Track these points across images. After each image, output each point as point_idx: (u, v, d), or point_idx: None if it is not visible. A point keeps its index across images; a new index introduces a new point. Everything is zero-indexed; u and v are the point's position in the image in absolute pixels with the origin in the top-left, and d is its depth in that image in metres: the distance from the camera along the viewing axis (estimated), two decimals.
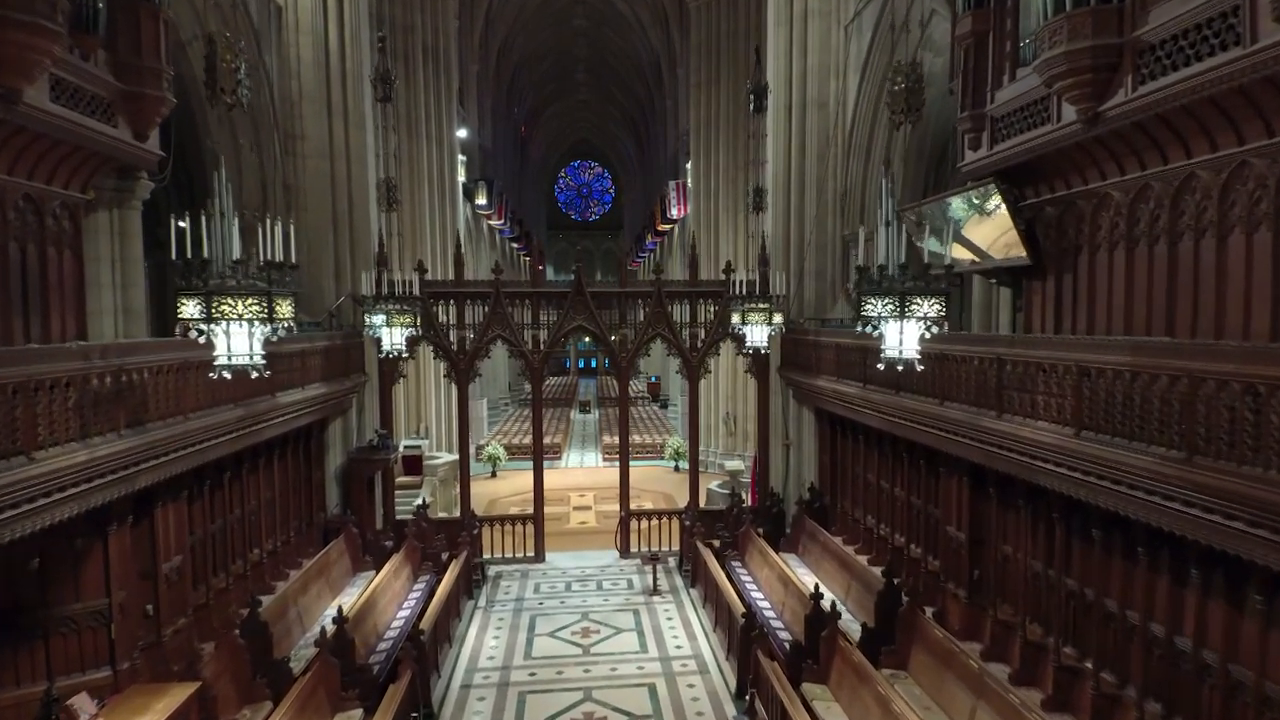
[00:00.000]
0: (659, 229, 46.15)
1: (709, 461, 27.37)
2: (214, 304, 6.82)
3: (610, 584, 16.34)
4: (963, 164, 10.72)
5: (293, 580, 13.28)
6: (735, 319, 13.89)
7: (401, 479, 21.62)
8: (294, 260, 7.53)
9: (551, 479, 28.03)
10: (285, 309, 7.17)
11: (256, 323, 7.04)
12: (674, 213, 40.09)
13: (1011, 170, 10.00)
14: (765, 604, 13.54)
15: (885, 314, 7.45)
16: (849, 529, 15.80)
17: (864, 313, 7.60)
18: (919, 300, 7.34)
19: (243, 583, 12.94)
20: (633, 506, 18.38)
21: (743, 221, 28.45)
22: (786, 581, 13.06)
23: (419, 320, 12.85)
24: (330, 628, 10.59)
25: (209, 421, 10.06)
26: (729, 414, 28.98)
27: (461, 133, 33.84)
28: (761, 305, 13.46)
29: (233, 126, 15.14)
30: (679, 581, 16.45)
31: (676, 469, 30.21)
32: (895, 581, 11.59)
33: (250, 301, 6.92)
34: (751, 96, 14.75)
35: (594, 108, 71.81)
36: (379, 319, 12.49)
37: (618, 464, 18.70)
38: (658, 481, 28.11)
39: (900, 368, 7.89)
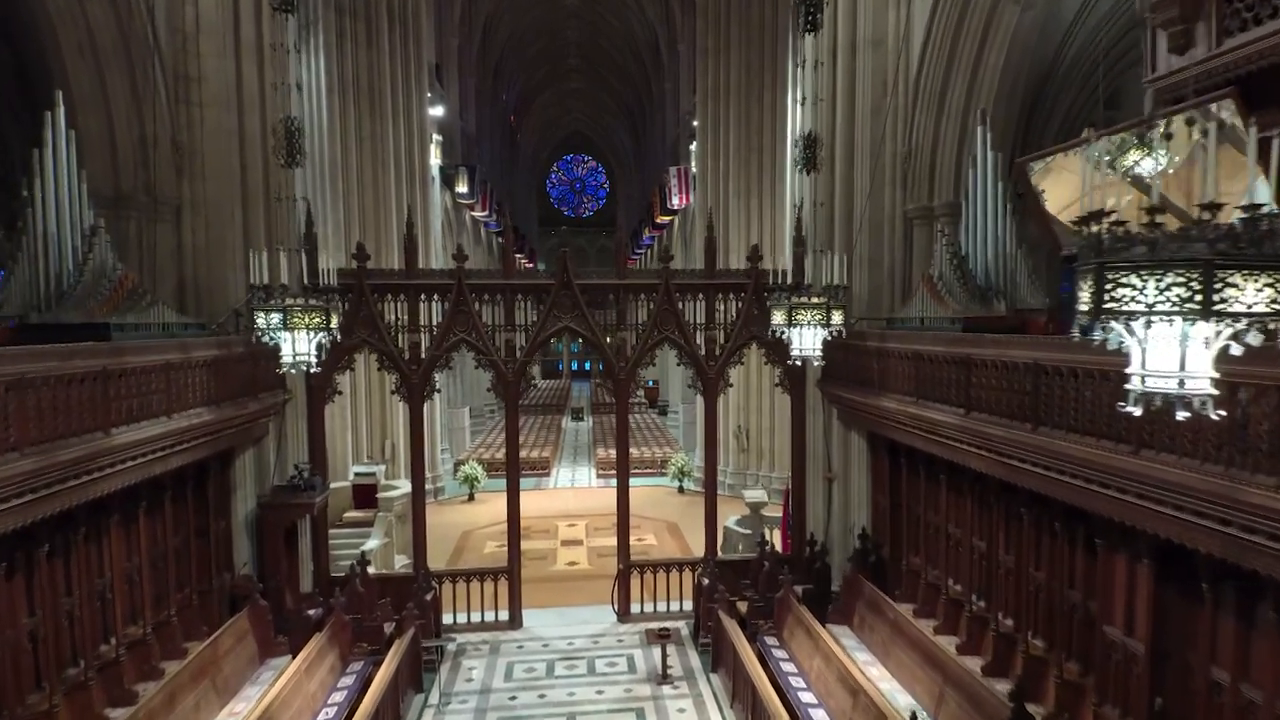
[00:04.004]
0: (658, 221, 42.28)
1: (719, 482, 23.50)
2: None
3: (606, 664, 12.51)
4: (1154, 77, 6.93)
5: (162, 685, 9.44)
6: (777, 318, 10.11)
7: (350, 514, 17.83)
8: None
9: (538, 503, 24.26)
10: None
11: None
12: (675, 202, 36.24)
13: (1250, 80, 6.21)
14: (820, 713, 9.76)
15: (1163, 303, 3.65)
16: (920, 595, 11.99)
17: (1109, 301, 3.79)
18: (1238, 279, 3.57)
19: (82, 695, 9.08)
20: (632, 539, 14.44)
21: (757, 208, 24.75)
22: (854, 689, 9.23)
23: (332, 321, 9.08)
24: None
25: None
26: (740, 427, 25.18)
27: (438, 110, 30.03)
28: (815, 300, 9.67)
29: (97, 59, 11.35)
30: (695, 660, 12.62)
31: (681, 490, 26.48)
32: (1025, 698, 7.82)
33: None
34: (801, 7, 10.89)
35: (587, 97, 68.22)
36: (275, 319, 8.70)
37: (611, 482, 14.86)
38: (659, 505, 24.35)
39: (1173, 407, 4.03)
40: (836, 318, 9.79)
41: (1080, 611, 8.59)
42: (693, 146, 30.71)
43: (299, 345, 8.87)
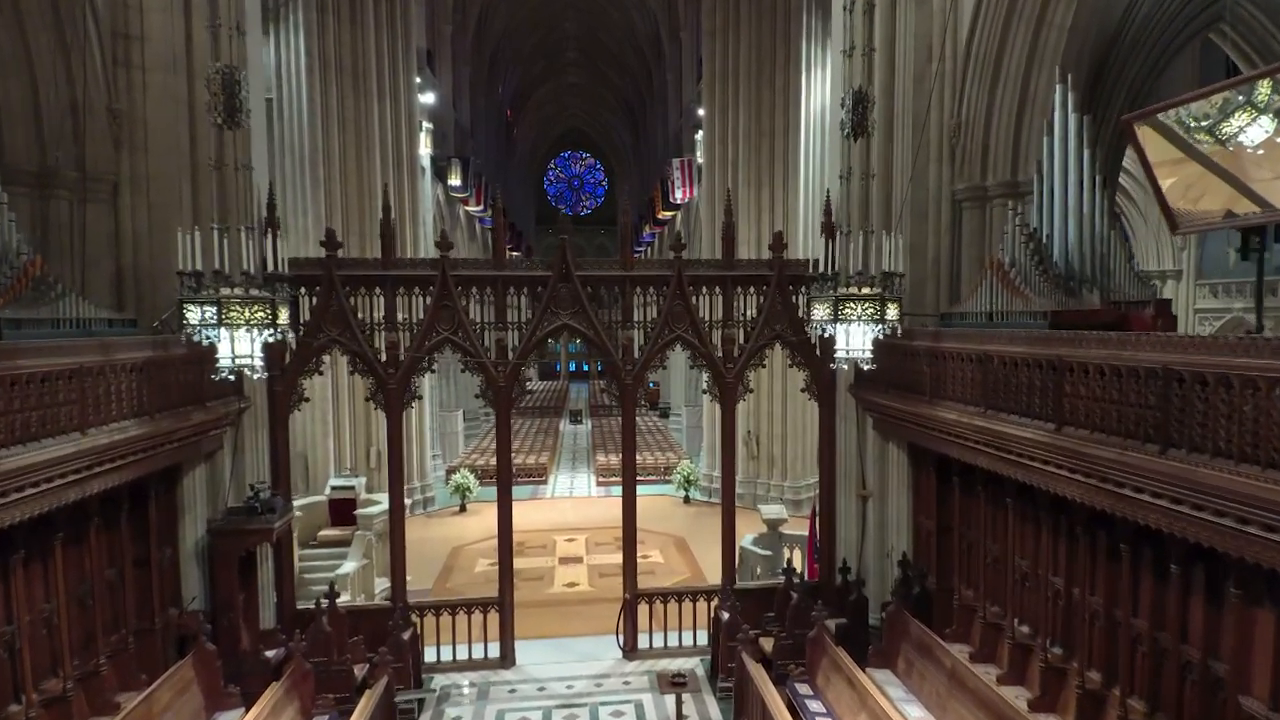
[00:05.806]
0: (659, 217, 40.65)
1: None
2: None
3: (611, 714, 10.87)
4: None
5: None
6: (819, 313, 8.52)
7: (326, 532, 16.20)
8: None
9: (534, 514, 22.62)
10: None
11: None
12: (679, 196, 34.57)
13: None
14: None
15: None
16: (976, 635, 10.37)
17: None
18: None
19: None
20: (639, 557, 12.76)
21: (769, 196, 23.16)
22: None
23: (281, 315, 7.46)
24: None
25: None
26: (750, 432, 23.56)
27: (429, 98, 28.40)
28: (868, 291, 8.05)
29: (18, 14, 9.72)
30: (713, 709, 10.99)
31: (687, 500, 24.86)
32: None
33: None
34: None
35: (586, 92, 66.65)
36: (208, 312, 7.07)
37: (613, 490, 13.20)
38: (664, 517, 22.73)
39: None
40: (891, 312, 8.18)
41: (1197, 672, 6.99)
42: (698, 136, 29.08)
43: (239, 345, 7.23)
